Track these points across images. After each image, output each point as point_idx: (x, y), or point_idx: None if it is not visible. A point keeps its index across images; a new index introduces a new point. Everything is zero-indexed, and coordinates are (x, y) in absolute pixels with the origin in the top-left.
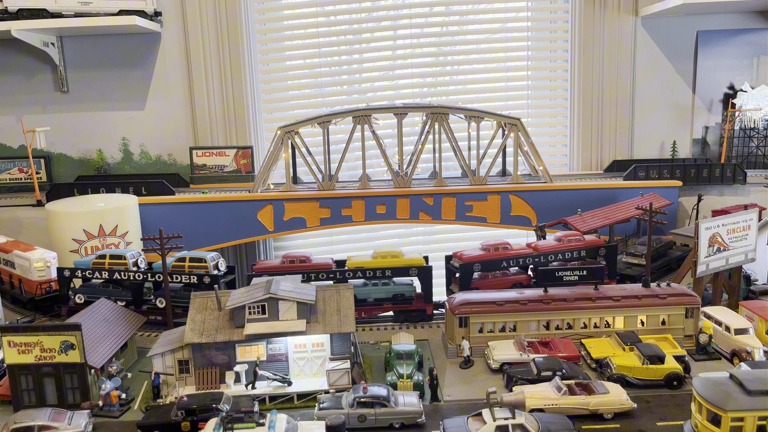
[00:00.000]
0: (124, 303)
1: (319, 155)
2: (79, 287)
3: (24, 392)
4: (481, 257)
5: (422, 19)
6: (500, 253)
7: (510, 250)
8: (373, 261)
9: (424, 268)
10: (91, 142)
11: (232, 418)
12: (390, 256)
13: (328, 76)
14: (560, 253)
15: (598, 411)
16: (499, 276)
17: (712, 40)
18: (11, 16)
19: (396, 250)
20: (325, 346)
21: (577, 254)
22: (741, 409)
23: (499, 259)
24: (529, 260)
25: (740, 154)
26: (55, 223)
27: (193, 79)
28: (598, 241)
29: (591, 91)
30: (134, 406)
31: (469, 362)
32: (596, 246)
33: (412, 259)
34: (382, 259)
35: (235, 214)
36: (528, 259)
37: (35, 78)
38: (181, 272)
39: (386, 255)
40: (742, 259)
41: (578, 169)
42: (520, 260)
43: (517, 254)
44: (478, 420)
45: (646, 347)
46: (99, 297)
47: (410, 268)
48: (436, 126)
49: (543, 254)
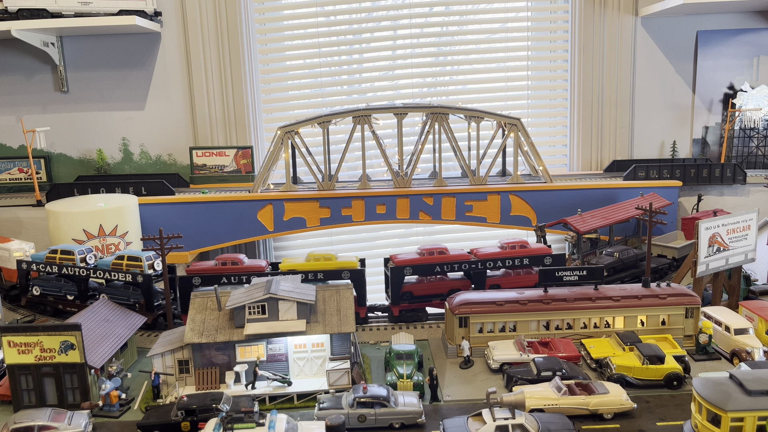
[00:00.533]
0: (72, 297)
1: (319, 155)
2: (36, 279)
3: (24, 392)
4: (414, 261)
5: (422, 19)
6: (435, 257)
7: (445, 255)
8: (306, 263)
9: (356, 271)
10: (91, 142)
11: (232, 418)
12: (323, 259)
13: (328, 76)
14: (500, 260)
15: (598, 411)
16: (435, 281)
17: (712, 40)
18: (11, 16)
19: (330, 253)
20: (325, 346)
21: (519, 262)
22: (741, 409)
23: (432, 264)
24: (465, 266)
25: (740, 154)
26: (55, 223)
27: (193, 79)
28: (543, 249)
29: (591, 91)
30: (134, 406)
31: (469, 362)
32: (541, 254)
33: (346, 261)
34: (315, 261)
35: (235, 214)
36: (464, 264)
37: (35, 78)
38: (120, 270)
39: (320, 258)
40: (742, 259)
41: (578, 169)
42: (455, 265)
43: (453, 259)
44: (478, 420)
45: (646, 347)
46: (52, 289)
47: (342, 271)
48: (436, 126)
49: (481, 260)
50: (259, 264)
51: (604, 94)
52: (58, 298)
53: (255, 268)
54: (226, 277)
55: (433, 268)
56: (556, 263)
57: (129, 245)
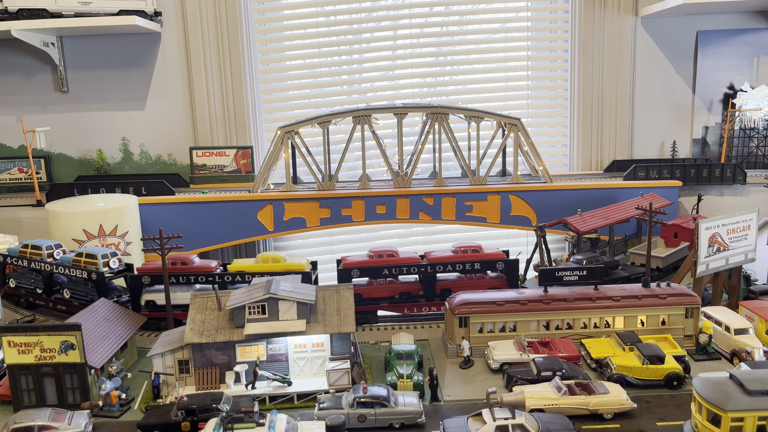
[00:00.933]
0: (41, 290)
1: (319, 155)
2: (12, 273)
3: (24, 392)
4: (363, 263)
5: (422, 19)
6: (384, 260)
7: (395, 258)
8: (254, 265)
9: (304, 274)
10: (91, 142)
11: (232, 418)
12: (272, 260)
13: (328, 76)
14: (450, 264)
15: (598, 411)
16: (385, 284)
17: (712, 40)
18: (11, 16)
19: (279, 255)
20: (325, 346)
21: (471, 266)
22: (741, 409)
23: (381, 267)
24: (414, 269)
25: (740, 154)
26: (55, 223)
27: (193, 79)
28: (496, 254)
29: (591, 91)
30: (134, 406)
31: (469, 362)
32: (494, 259)
33: (294, 264)
34: (263, 263)
35: (235, 214)
36: (413, 267)
37: (35, 78)
38: (78, 267)
39: (268, 259)
40: (742, 259)
41: (578, 169)
42: (404, 269)
43: (403, 262)
44: (478, 420)
45: (646, 347)
46: (25, 283)
47: (289, 274)
48: (436, 126)
49: (431, 264)
50: (208, 264)
51: (604, 94)
52: (29, 291)
53: (204, 268)
54: (175, 277)
55: (382, 271)
56: (509, 268)
57: (129, 245)
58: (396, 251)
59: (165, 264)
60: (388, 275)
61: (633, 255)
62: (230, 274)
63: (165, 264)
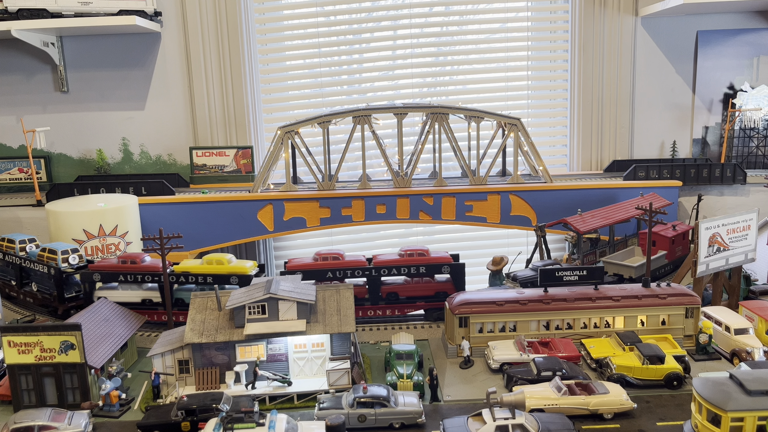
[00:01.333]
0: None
1: (319, 155)
2: None
3: (24, 392)
4: (306, 266)
5: (422, 19)
6: (329, 263)
7: (340, 261)
8: (198, 266)
9: (245, 277)
10: (91, 142)
11: (232, 418)
12: (215, 262)
13: (328, 76)
14: (395, 267)
15: (598, 411)
16: None
17: (712, 40)
18: (11, 16)
19: (223, 257)
20: (325, 346)
21: (416, 270)
22: (741, 409)
23: (325, 269)
24: (358, 272)
25: (740, 154)
26: (55, 223)
27: (193, 79)
28: (442, 258)
29: (591, 91)
30: (134, 406)
31: (469, 362)
32: (440, 263)
33: (237, 266)
34: (208, 265)
35: (235, 214)
36: (358, 271)
37: (35, 78)
38: (42, 262)
39: (212, 261)
40: (742, 259)
41: (578, 169)
42: (348, 272)
43: (348, 265)
44: (478, 420)
45: (646, 347)
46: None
47: (231, 276)
48: (436, 126)
49: (375, 268)
50: (156, 264)
51: (604, 94)
52: (5, 282)
53: (152, 268)
54: (124, 276)
55: (326, 274)
56: (455, 273)
57: (129, 245)
58: (342, 254)
59: (165, 264)
60: (333, 278)
61: (607, 264)
62: (176, 275)
63: (165, 264)
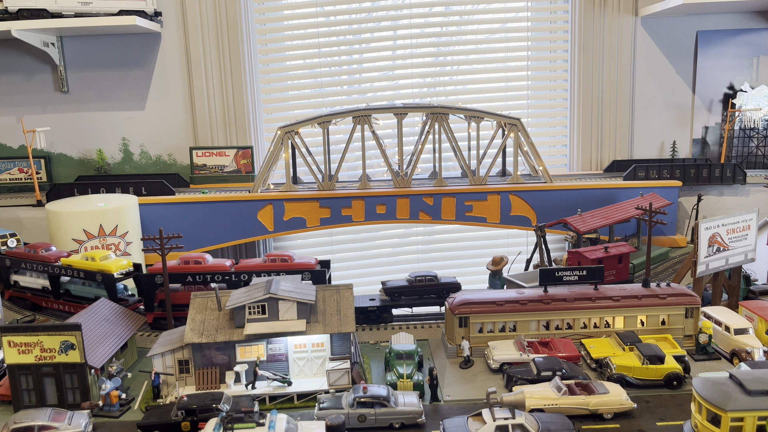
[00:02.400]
0: None
1: (319, 155)
2: None
3: (24, 392)
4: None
5: (422, 19)
6: (191, 267)
7: (201, 265)
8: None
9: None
10: (91, 142)
11: (232, 418)
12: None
13: (328, 76)
14: (255, 272)
15: (598, 411)
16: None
17: (712, 40)
18: (11, 16)
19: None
20: (325, 346)
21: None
22: (741, 409)
23: (186, 273)
24: (218, 277)
25: (740, 154)
26: (55, 223)
27: (193, 79)
28: (305, 264)
29: (591, 91)
30: (134, 406)
31: (469, 362)
32: (303, 268)
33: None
34: (83, 261)
35: (235, 214)
36: (217, 276)
37: (35, 78)
38: None
39: (88, 257)
40: (741, 259)
41: (578, 169)
42: (208, 276)
43: (210, 269)
44: (478, 420)
45: (646, 347)
46: None
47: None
48: (436, 126)
49: (237, 272)
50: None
51: (604, 94)
52: None
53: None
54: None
55: (186, 278)
56: (316, 278)
57: (129, 245)
58: (204, 258)
59: (165, 264)
60: (193, 282)
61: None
62: (60, 267)
63: (165, 264)
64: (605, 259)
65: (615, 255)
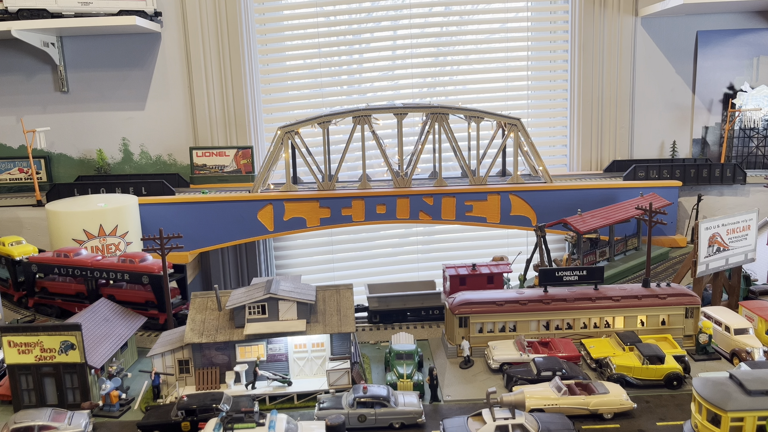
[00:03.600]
0: None
1: (319, 155)
2: None
3: (24, 392)
4: (43, 260)
5: (422, 19)
6: (60, 260)
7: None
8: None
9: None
10: (91, 142)
11: (232, 418)
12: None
13: (328, 76)
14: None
15: (598, 411)
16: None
17: (712, 40)
18: (11, 16)
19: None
20: (325, 346)
21: (121, 276)
22: (741, 409)
23: (53, 265)
24: (78, 271)
25: (740, 154)
26: (55, 223)
27: (193, 79)
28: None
29: (591, 91)
30: (134, 406)
31: (469, 362)
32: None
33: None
34: None
35: (235, 214)
36: (77, 270)
37: (35, 78)
38: None
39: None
40: (741, 259)
41: (578, 169)
42: (70, 270)
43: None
44: (478, 420)
45: (646, 347)
46: None
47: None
48: (436, 126)
49: (90, 269)
50: None
51: (604, 94)
52: None
53: None
54: None
55: (53, 269)
56: (153, 283)
57: (129, 245)
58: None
59: (165, 264)
60: (59, 274)
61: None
62: None
63: (165, 264)
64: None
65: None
